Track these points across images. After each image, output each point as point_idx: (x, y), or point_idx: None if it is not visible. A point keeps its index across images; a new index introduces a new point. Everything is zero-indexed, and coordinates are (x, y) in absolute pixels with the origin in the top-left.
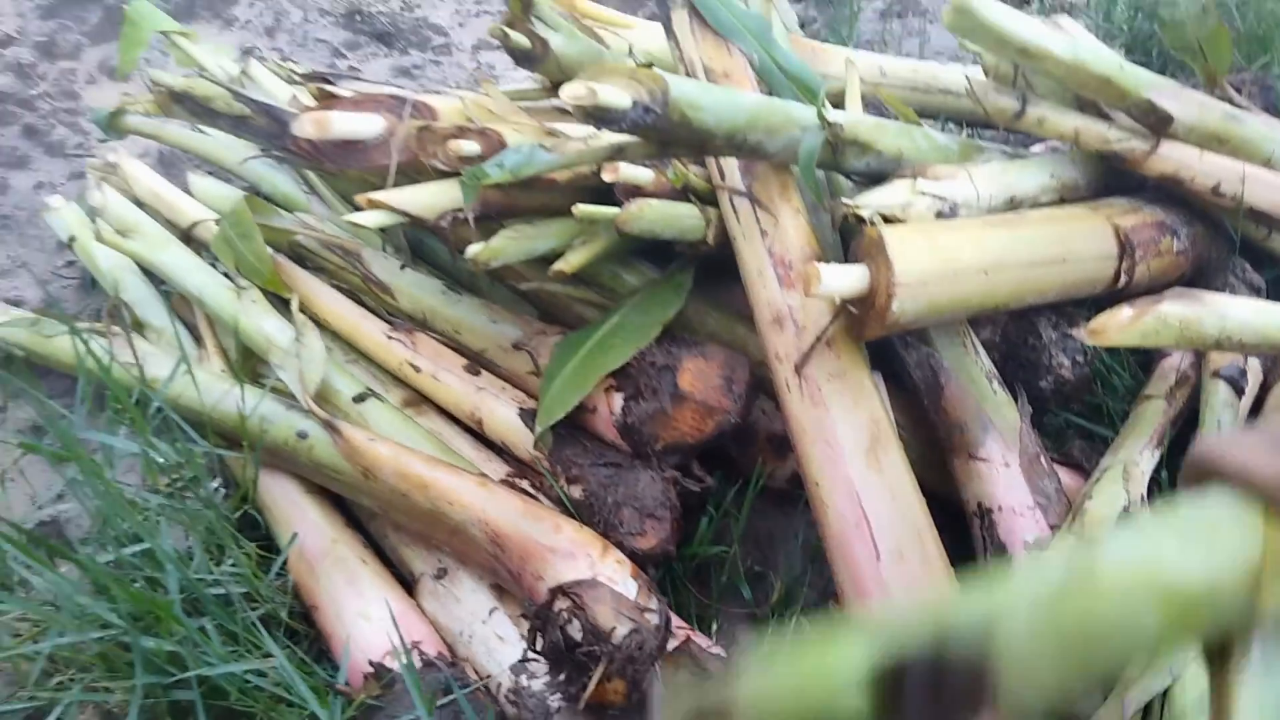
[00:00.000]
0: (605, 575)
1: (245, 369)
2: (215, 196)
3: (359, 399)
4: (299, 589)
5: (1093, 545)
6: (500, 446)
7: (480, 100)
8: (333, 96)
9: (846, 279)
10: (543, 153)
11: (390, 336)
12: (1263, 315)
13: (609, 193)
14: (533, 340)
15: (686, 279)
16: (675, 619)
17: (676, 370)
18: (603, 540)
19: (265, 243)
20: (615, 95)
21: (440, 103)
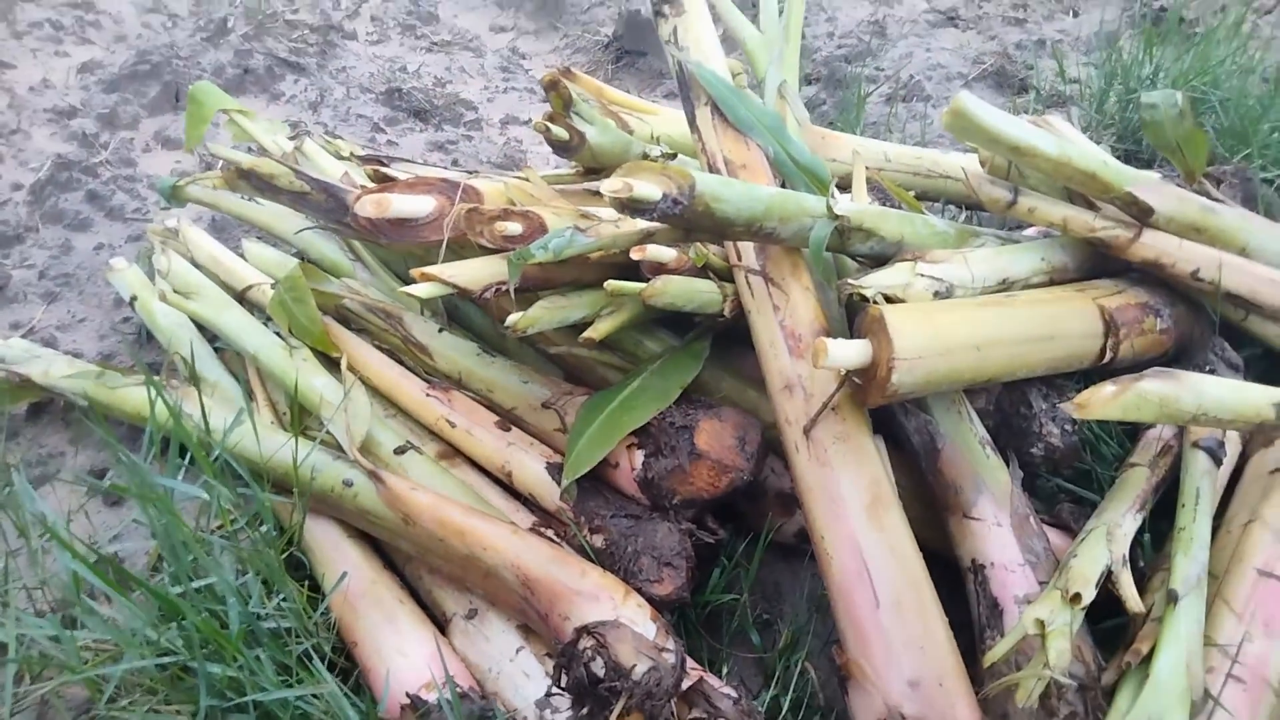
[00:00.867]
0: (627, 617)
1: (296, 426)
2: (268, 261)
3: (399, 451)
4: (340, 625)
5: None
6: (528, 498)
7: (520, 185)
8: (388, 178)
9: (851, 352)
10: (581, 236)
11: (428, 394)
12: (1237, 394)
13: (635, 268)
14: (560, 400)
15: (704, 347)
16: (689, 660)
17: (694, 430)
18: (624, 585)
19: (317, 304)
20: (648, 189)
21: (485, 186)
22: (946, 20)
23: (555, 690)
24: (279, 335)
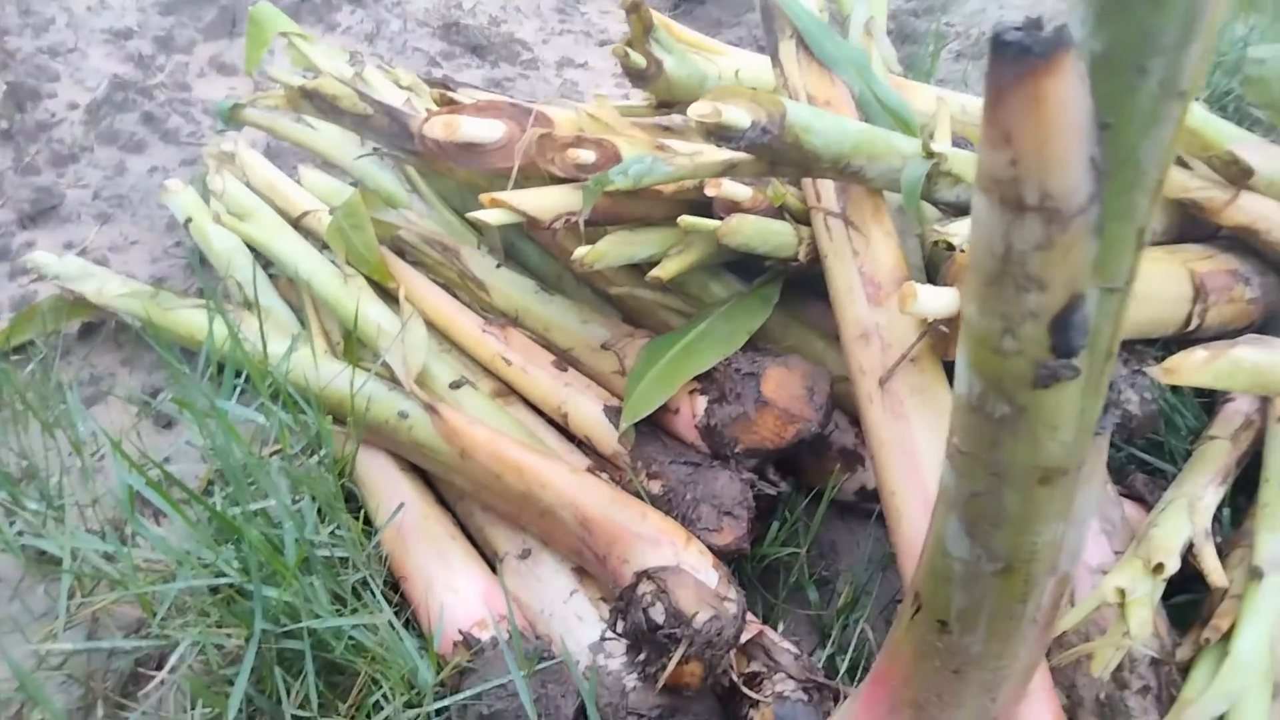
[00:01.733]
0: (688, 563)
1: (350, 356)
2: (324, 189)
3: (455, 385)
4: (391, 560)
5: None
6: (583, 440)
7: (594, 112)
8: (454, 102)
9: (940, 300)
10: (661, 164)
11: (484, 330)
12: None
13: (705, 207)
14: (619, 342)
15: (774, 292)
16: (749, 613)
17: (761, 377)
18: (686, 530)
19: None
20: (737, 115)
21: (556, 113)
22: None
23: (610, 635)
24: (334, 263)
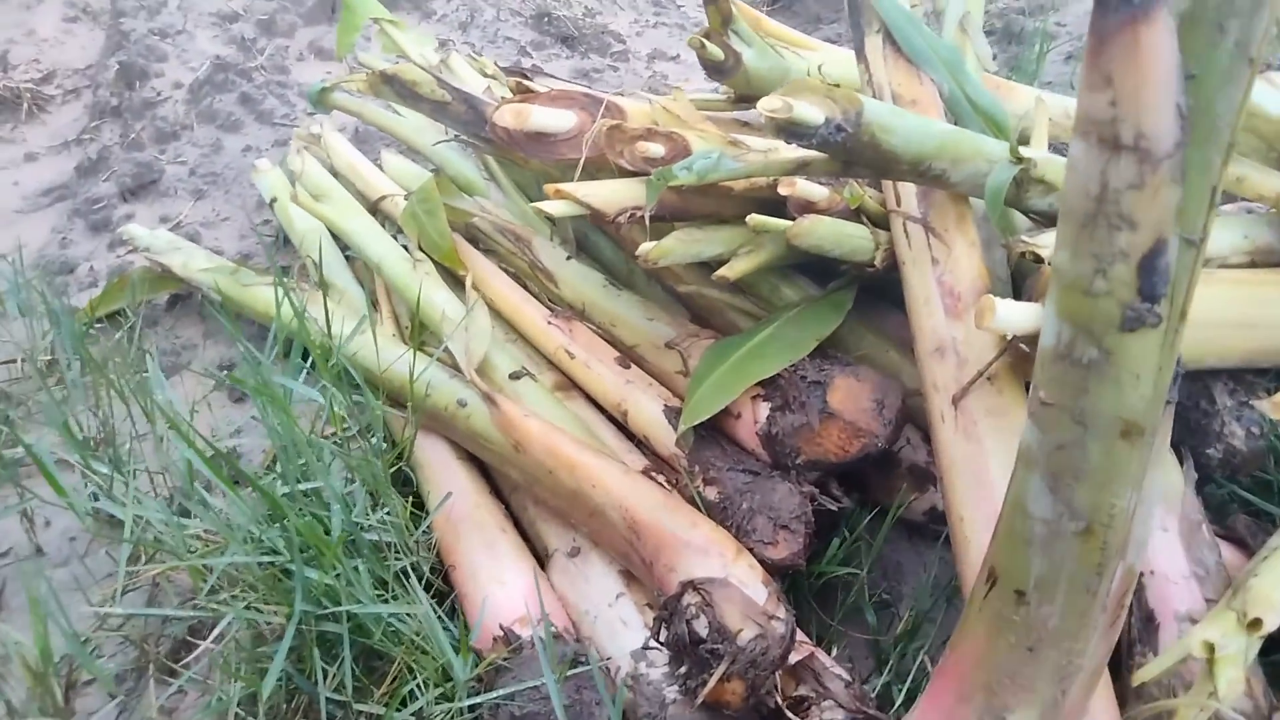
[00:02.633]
0: (736, 577)
1: (415, 339)
2: (404, 174)
3: (514, 376)
4: (441, 546)
5: None
6: (641, 440)
7: (668, 105)
8: (530, 91)
9: (1022, 315)
10: (729, 160)
11: (550, 323)
12: None
13: (778, 207)
14: (685, 341)
15: (847, 298)
16: (799, 634)
17: (828, 386)
18: (736, 542)
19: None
20: (810, 111)
21: (629, 104)
22: None
23: (653, 644)
24: (405, 248)
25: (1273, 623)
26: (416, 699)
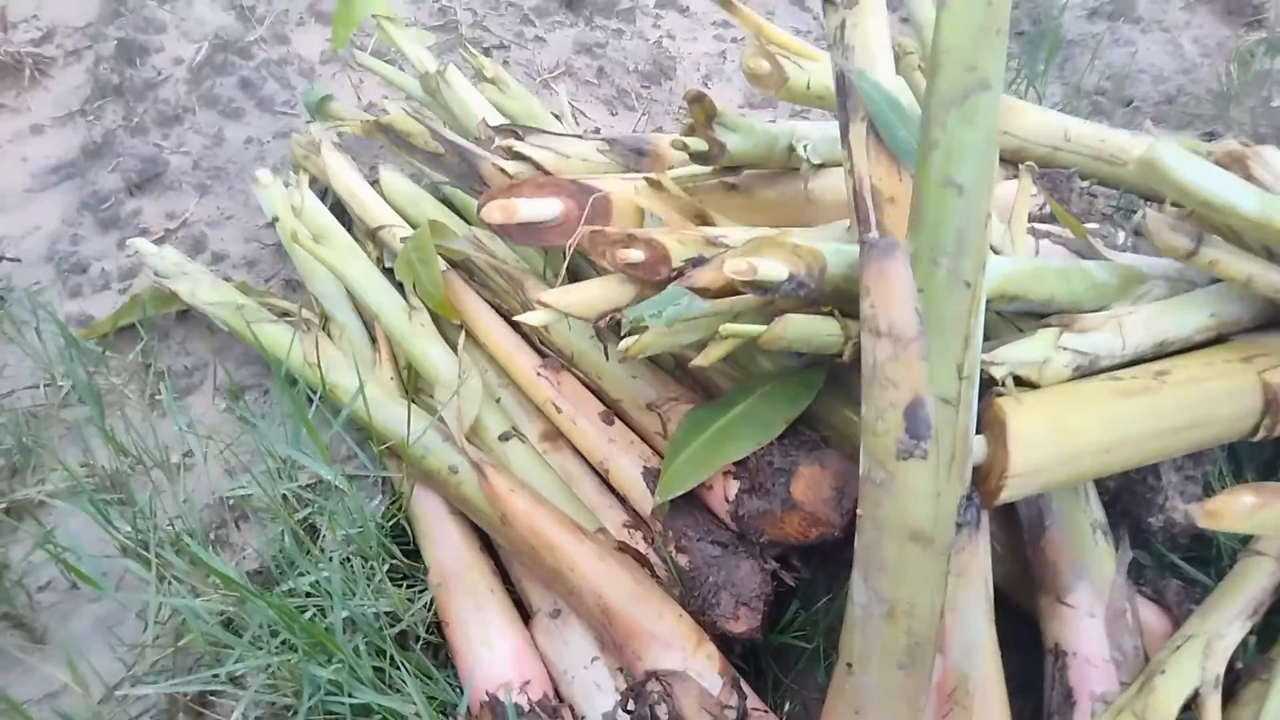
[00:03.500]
0: (695, 670)
1: (412, 383)
2: (403, 196)
3: (504, 438)
4: (436, 601)
5: None
6: (622, 496)
7: (651, 194)
8: (520, 156)
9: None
10: (698, 303)
11: (539, 373)
12: None
13: None
14: (664, 405)
15: (819, 378)
16: (753, 698)
17: (792, 475)
18: (699, 632)
19: (441, 256)
20: (774, 269)
21: (617, 190)
22: None
23: (622, 715)
24: (401, 294)
25: None
26: None
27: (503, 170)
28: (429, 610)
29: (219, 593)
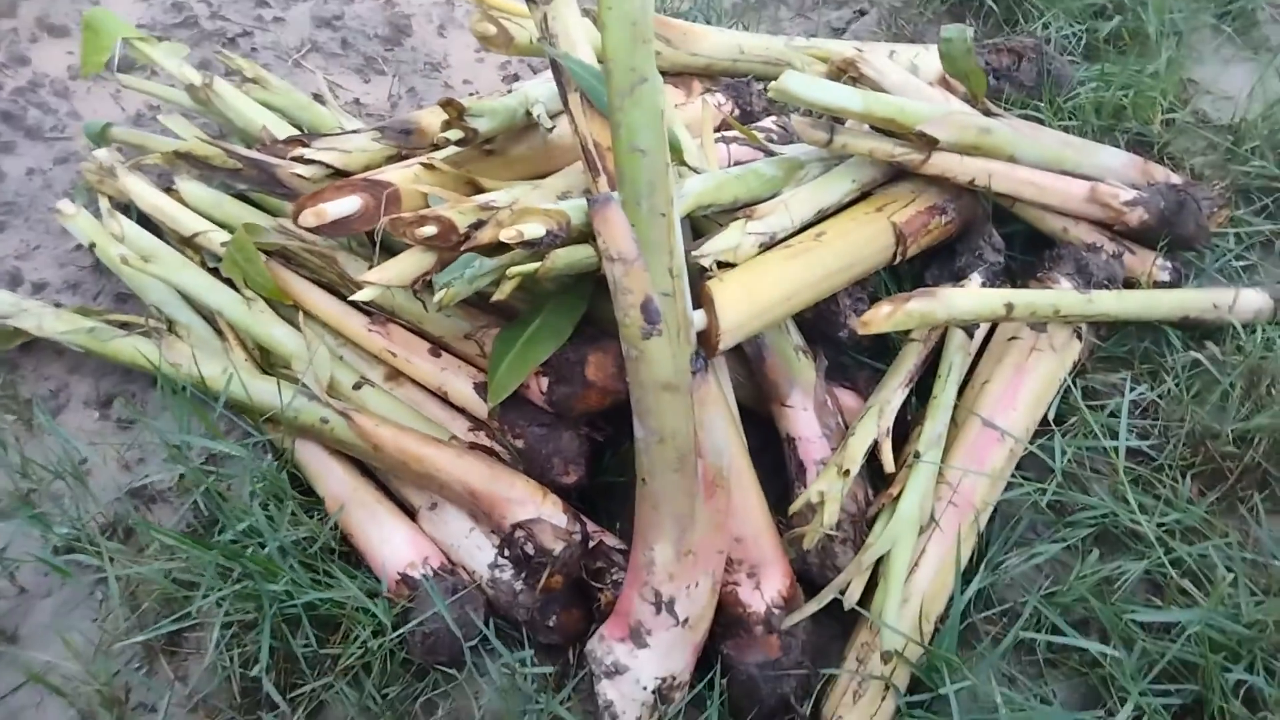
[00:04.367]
0: (546, 514)
1: (265, 361)
2: (206, 202)
3: (357, 387)
4: (340, 523)
5: None
6: (461, 409)
7: (429, 176)
8: (310, 161)
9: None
10: (489, 261)
11: (370, 330)
12: (978, 299)
13: None
14: (478, 332)
15: (588, 289)
16: (591, 525)
17: (584, 364)
18: (543, 490)
19: (259, 247)
20: (535, 229)
21: (398, 176)
22: None
23: (501, 560)
24: (234, 289)
25: (856, 469)
26: (359, 638)
27: (299, 175)
28: (335, 529)
29: (160, 560)
